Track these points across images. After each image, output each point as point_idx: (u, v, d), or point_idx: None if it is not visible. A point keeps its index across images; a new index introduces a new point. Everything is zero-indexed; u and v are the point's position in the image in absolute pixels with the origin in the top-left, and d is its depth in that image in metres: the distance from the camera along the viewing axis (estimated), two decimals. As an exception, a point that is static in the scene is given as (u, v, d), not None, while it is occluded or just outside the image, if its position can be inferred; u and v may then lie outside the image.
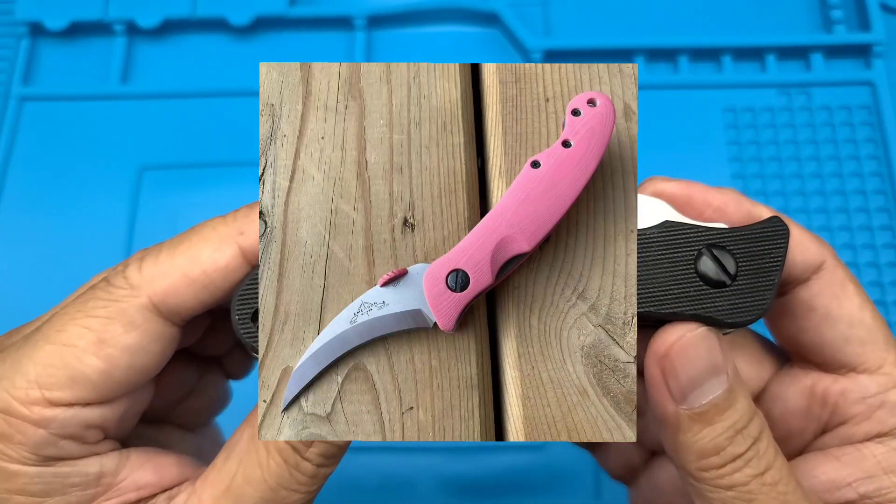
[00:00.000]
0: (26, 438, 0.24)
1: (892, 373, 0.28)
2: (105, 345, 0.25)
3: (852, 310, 0.28)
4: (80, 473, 0.25)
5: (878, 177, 0.53)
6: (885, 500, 0.27)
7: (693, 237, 0.28)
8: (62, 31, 0.58)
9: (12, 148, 0.55)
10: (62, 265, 0.51)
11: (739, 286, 0.26)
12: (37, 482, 0.24)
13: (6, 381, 0.24)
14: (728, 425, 0.25)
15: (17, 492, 0.24)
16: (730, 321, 0.26)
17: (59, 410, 0.24)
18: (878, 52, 0.56)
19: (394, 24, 0.58)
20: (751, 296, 0.26)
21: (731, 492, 0.25)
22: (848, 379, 0.28)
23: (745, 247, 0.27)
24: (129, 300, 0.26)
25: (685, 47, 0.57)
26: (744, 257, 0.27)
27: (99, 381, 0.25)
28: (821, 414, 0.29)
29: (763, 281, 0.26)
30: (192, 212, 0.52)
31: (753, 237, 0.27)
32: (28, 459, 0.24)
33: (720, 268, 0.27)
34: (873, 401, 0.28)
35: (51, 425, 0.24)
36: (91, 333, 0.25)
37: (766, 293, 0.26)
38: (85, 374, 0.24)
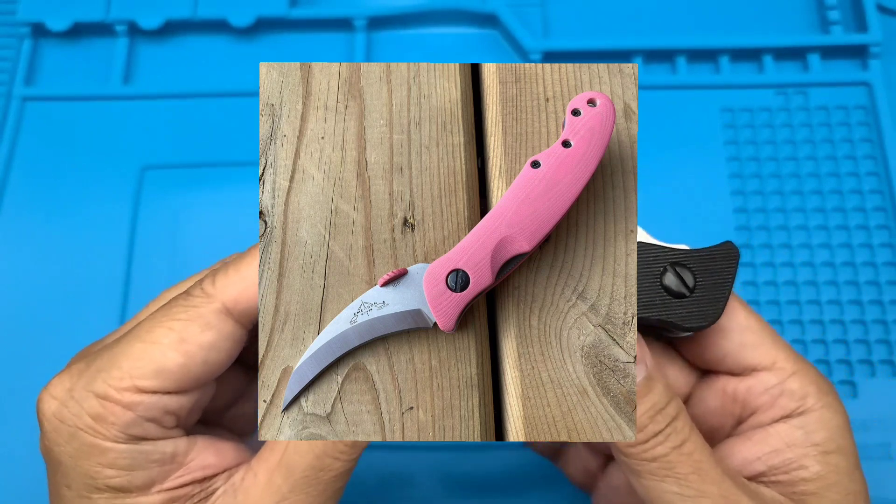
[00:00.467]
0: (118, 419, 0.28)
1: (785, 367, 0.33)
2: (185, 343, 0.29)
3: (740, 320, 0.34)
4: (159, 452, 0.29)
5: (875, 176, 0.53)
6: (790, 469, 0.32)
7: (660, 256, 0.32)
8: (64, 31, 0.58)
9: (14, 148, 0.55)
10: (64, 265, 0.51)
11: (697, 297, 0.32)
12: (125, 457, 0.28)
13: (104, 372, 0.28)
14: (648, 407, 0.30)
15: (109, 465, 0.28)
16: (687, 325, 0.31)
17: (145, 397, 0.29)
18: (875, 52, 0.56)
19: (394, 26, 0.58)
20: (706, 305, 0.31)
21: (655, 463, 0.29)
22: (751, 377, 0.33)
23: (702, 265, 0.32)
24: (206, 305, 0.30)
25: (683, 48, 0.57)
26: (701, 273, 0.32)
27: (178, 373, 0.29)
28: (733, 409, 0.34)
29: (717, 293, 0.31)
30: (194, 211, 0.52)
31: (710, 257, 0.32)
32: (118, 438, 0.28)
33: (681, 282, 0.32)
34: (774, 391, 0.33)
35: (138, 409, 0.28)
36: (174, 333, 0.29)
37: (719, 303, 0.31)
38: (167, 367, 0.29)
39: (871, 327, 0.49)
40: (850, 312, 0.50)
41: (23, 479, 0.46)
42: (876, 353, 0.48)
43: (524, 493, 0.45)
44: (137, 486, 0.29)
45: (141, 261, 0.51)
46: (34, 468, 0.46)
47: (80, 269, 0.51)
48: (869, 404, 0.47)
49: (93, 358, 0.30)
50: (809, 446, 0.32)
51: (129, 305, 0.50)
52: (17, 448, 0.47)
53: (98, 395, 0.28)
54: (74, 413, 0.28)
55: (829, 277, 0.50)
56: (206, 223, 0.52)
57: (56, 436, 0.29)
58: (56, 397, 0.29)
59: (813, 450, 0.32)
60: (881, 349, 0.48)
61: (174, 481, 0.30)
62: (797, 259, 0.51)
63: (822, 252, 0.51)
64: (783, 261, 0.51)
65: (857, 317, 0.49)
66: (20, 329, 0.50)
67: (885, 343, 0.49)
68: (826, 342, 0.49)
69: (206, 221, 0.52)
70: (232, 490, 0.31)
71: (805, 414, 0.32)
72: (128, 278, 0.51)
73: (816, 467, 0.31)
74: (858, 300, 0.50)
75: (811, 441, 0.32)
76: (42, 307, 0.50)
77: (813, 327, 0.49)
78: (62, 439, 0.28)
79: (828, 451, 0.32)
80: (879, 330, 0.49)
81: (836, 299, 0.50)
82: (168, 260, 0.51)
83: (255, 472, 0.31)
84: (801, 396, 0.33)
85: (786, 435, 0.32)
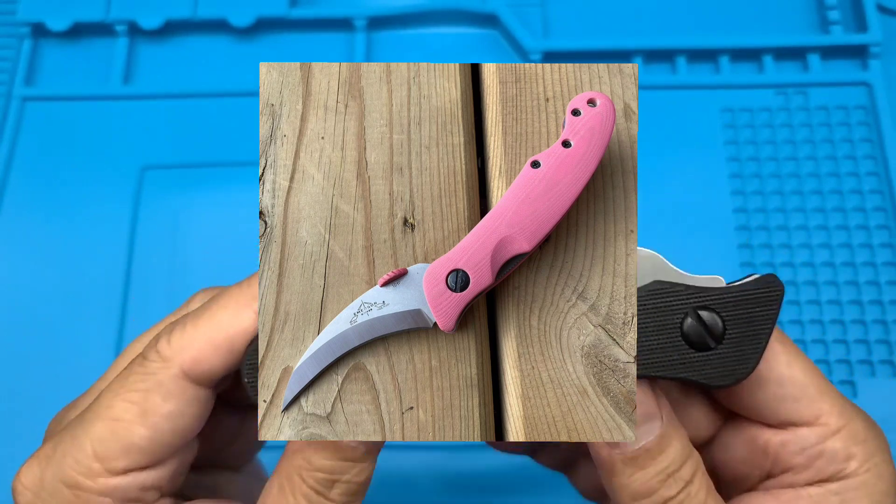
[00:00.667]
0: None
1: (829, 422, 0.29)
2: (148, 415, 0.27)
3: (780, 370, 0.29)
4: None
5: (875, 176, 0.53)
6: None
7: (681, 300, 0.28)
8: (64, 31, 0.58)
9: (14, 148, 0.55)
10: (64, 265, 0.51)
11: (724, 350, 0.26)
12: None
13: (69, 458, 0.27)
14: (660, 469, 0.27)
15: None
16: (713, 384, 0.27)
17: (119, 478, 0.27)
18: (875, 52, 0.56)
19: (394, 26, 0.59)
20: (734, 360, 0.26)
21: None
22: (788, 432, 0.29)
23: (734, 310, 0.26)
24: (164, 372, 0.28)
25: (683, 48, 0.57)
26: (732, 321, 0.26)
27: (148, 448, 0.27)
28: (763, 463, 0.30)
29: (749, 346, 0.26)
30: (194, 211, 0.52)
31: (745, 299, 0.26)
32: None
33: (706, 331, 0.27)
34: (812, 451, 0.29)
35: (114, 493, 0.27)
36: (135, 406, 0.27)
37: (751, 358, 0.26)
38: (135, 443, 0.27)
39: (870, 327, 0.49)
40: (849, 312, 0.50)
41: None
42: (876, 354, 0.48)
43: (524, 493, 0.45)
44: None
45: (141, 261, 0.51)
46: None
47: (80, 269, 0.51)
48: (869, 404, 0.46)
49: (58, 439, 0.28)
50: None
51: (129, 305, 0.50)
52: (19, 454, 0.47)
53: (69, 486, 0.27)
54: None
55: (828, 277, 0.50)
56: (206, 223, 0.52)
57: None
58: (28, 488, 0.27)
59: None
60: (881, 349, 0.48)
61: None
62: (797, 259, 0.51)
63: (822, 252, 0.51)
64: (783, 261, 0.51)
65: (857, 317, 0.49)
66: (20, 329, 0.50)
67: (884, 343, 0.49)
68: (826, 342, 0.49)
69: (206, 221, 0.52)
70: None
71: (846, 479, 0.28)
72: (128, 278, 0.51)
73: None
74: (858, 300, 0.50)
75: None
76: (42, 307, 0.50)
77: (813, 327, 0.49)
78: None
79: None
80: (879, 330, 0.49)
81: (835, 299, 0.50)
82: (168, 260, 0.51)
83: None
84: (844, 459, 0.28)
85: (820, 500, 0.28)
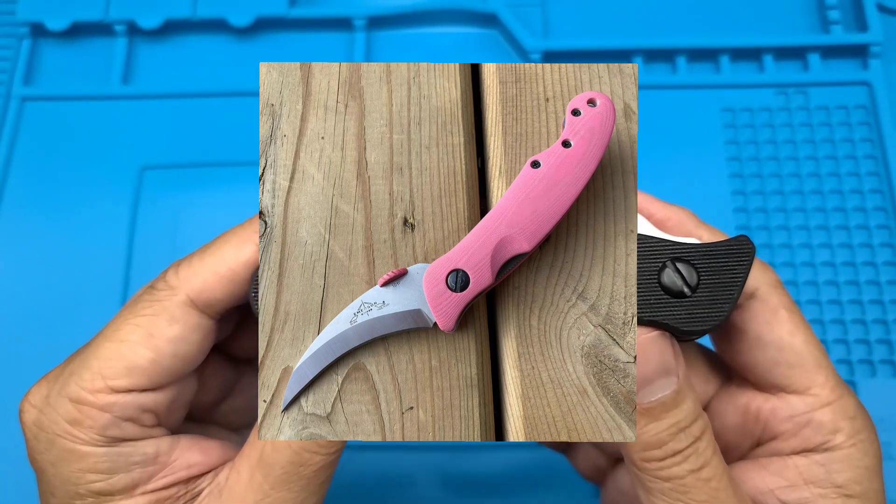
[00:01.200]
0: (94, 422, 0.28)
1: (820, 394, 0.30)
2: (153, 338, 0.29)
3: (782, 335, 0.30)
4: (140, 453, 0.29)
5: (875, 176, 0.53)
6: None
7: (659, 250, 0.30)
8: (63, 31, 0.58)
9: (13, 148, 0.55)
10: (64, 264, 0.51)
11: (698, 298, 0.28)
12: (104, 461, 0.28)
13: (76, 375, 0.28)
14: (672, 423, 0.27)
15: (89, 470, 0.28)
16: (685, 329, 0.28)
17: (120, 396, 0.28)
18: (875, 52, 0.56)
19: (393, 25, 0.59)
20: (708, 307, 0.28)
21: (669, 483, 0.27)
22: (778, 398, 0.31)
23: (709, 262, 0.28)
24: (171, 299, 0.30)
25: (683, 48, 0.57)
26: (707, 271, 0.28)
27: (150, 369, 0.29)
28: (754, 430, 0.31)
29: (722, 294, 0.28)
30: (193, 211, 0.52)
31: (719, 253, 0.28)
32: (97, 441, 0.28)
33: (682, 279, 0.29)
34: (800, 419, 0.30)
35: (113, 409, 0.28)
36: (141, 329, 0.29)
37: (724, 306, 0.28)
38: (138, 364, 0.29)
39: (871, 327, 0.49)
40: (850, 312, 0.50)
41: (20, 481, 0.46)
42: (876, 353, 0.48)
43: (524, 493, 0.45)
44: (120, 489, 0.28)
45: (140, 261, 0.51)
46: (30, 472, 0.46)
47: (79, 269, 0.51)
48: (869, 404, 0.46)
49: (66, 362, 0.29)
50: (829, 487, 0.29)
51: (129, 305, 0.50)
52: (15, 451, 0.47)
53: (72, 400, 0.28)
54: (52, 420, 0.28)
55: (829, 277, 0.50)
56: (205, 223, 0.52)
57: (37, 444, 0.28)
58: (34, 405, 0.29)
59: (833, 492, 0.29)
60: (882, 349, 0.48)
61: (158, 482, 0.29)
62: (798, 259, 0.51)
63: (823, 252, 0.51)
64: (784, 261, 0.51)
65: (858, 316, 0.49)
66: (20, 329, 0.50)
67: (885, 343, 0.49)
68: (827, 342, 0.49)
69: (206, 221, 0.52)
70: (217, 490, 0.30)
71: (831, 451, 0.29)
72: (127, 278, 0.51)
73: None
74: (859, 300, 0.50)
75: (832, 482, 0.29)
76: (42, 307, 0.50)
77: (813, 327, 0.49)
78: (43, 447, 0.28)
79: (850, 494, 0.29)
80: (880, 330, 0.49)
81: (836, 299, 0.50)
82: (167, 260, 0.51)
83: (239, 470, 0.30)
84: (831, 431, 0.30)
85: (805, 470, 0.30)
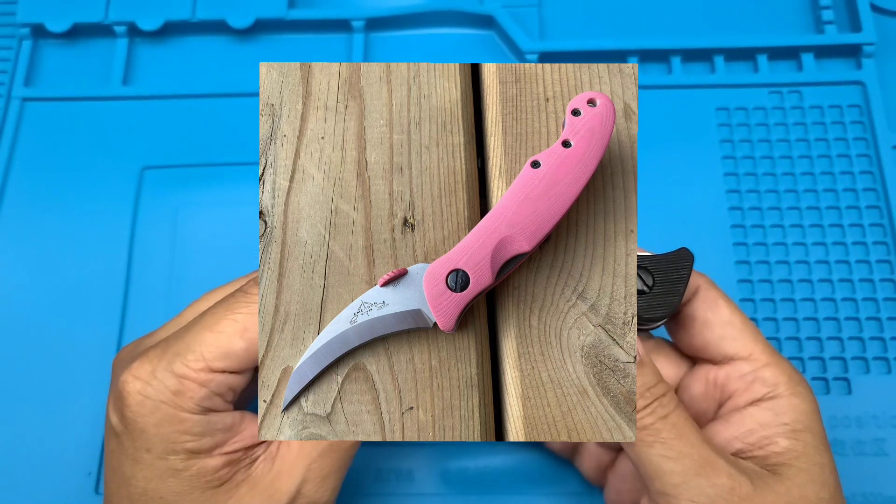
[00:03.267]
0: (194, 394, 0.34)
1: (760, 357, 0.37)
2: (247, 332, 0.34)
3: (723, 316, 0.38)
4: (223, 422, 0.35)
5: (869, 175, 0.53)
6: (763, 445, 0.36)
7: None
8: (64, 33, 0.58)
9: (14, 149, 0.55)
10: (64, 265, 0.51)
11: (655, 293, 0.36)
12: (198, 426, 0.34)
13: (181, 356, 0.34)
14: (639, 384, 0.34)
15: (185, 432, 0.34)
16: (647, 316, 0.36)
17: (216, 376, 0.34)
18: (869, 52, 0.56)
19: (391, 27, 0.59)
20: (662, 300, 0.36)
21: (644, 431, 0.33)
22: (730, 366, 0.38)
23: (660, 267, 0.36)
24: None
25: (678, 49, 0.57)
26: (659, 274, 0.36)
27: (242, 356, 0.34)
28: (714, 394, 0.39)
29: (672, 289, 0.36)
30: (193, 211, 0.52)
31: (667, 261, 0.37)
32: (194, 409, 0.34)
33: (642, 281, 0.36)
34: (748, 377, 0.37)
35: (210, 385, 0.34)
36: (237, 324, 0.34)
37: (674, 298, 0.36)
38: (234, 352, 0.34)
39: (865, 325, 0.49)
40: (844, 310, 0.50)
41: (22, 467, 0.46)
42: (870, 351, 0.49)
43: (524, 490, 0.45)
44: (205, 449, 0.34)
45: (141, 261, 0.51)
46: (32, 464, 0.46)
47: (79, 270, 0.51)
48: (863, 401, 0.47)
49: (166, 345, 0.35)
50: (779, 426, 0.36)
51: (130, 305, 0.50)
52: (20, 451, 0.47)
53: (177, 375, 0.34)
54: (158, 389, 0.34)
55: (823, 275, 0.51)
56: (206, 223, 0.52)
57: (141, 408, 0.34)
58: (139, 378, 0.34)
59: (782, 428, 0.36)
60: (875, 346, 0.49)
61: (231, 447, 0.35)
62: (792, 257, 0.51)
63: (817, 250, 0.51)
64: (778, 259, 0.51)
65: (852, 314, 0.50)
66: (21, 329, 0.50)
67: (879, 340, 0.49)
68: (821, 339, 0.49)
69: (206, 221, 0.52)
70: (270, 457, 0.35)
71: (775, 399, 0.37)
72: (128, 278, 0.51)
73: (785, 443, 0.36)
74: (853, 297, 0.50)
75: (780, 421, 0.36)
76: (42, 308, 0.50)
77: (808, 324, 0.50)
78: (147, 411, 0.34)
79: (796, 429, 0.36)
80: (874, 327, 0.49)
81: (830, 297, 0.50)
82: (168, 260, 0.51)
83: (289, 441, 0.35)
84: (773, 384, 0.37)
85: (758, 416, 0.36)
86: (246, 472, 0.35)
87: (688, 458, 0.33)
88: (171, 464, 0.34)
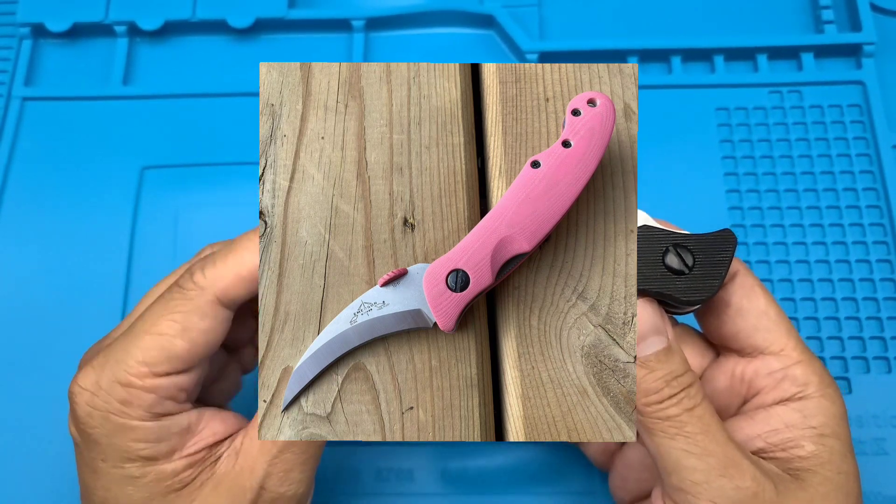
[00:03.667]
0: (142, 402, 0.33)
1: (792, 354, 0.36)
2: (188, 331, 0.34)
3: (759, 305, 0.36)
4: (178, 424, 0.34)
5: (869, 174, 0.53)
6: (787, 447, 0.34)
7: (663, 238, 0.35)
8: (64, 32, 0.58)
9: (14, 149, 0.55)
10: (64, 265, 0.51)
11: (695, 275, 0.34)
12: (151, 432, 0.33)
13: (122, 363, 0.33)
14: (666, 372, 0.33)
15: (138, 440, 0.33)
16: (685, 299, 0.34)
17: (162, 380, 0.33)
18: (869, 52, 0.56)
19: (391, 27, 0.59)
20: (702, 282, 0.34)
21: (667, 422, 0.32)
22: (759, 360, 0.36)
23: (702, 247, 0.35)
24: (201, 297, 0.34)
25: (678, 48, 0.57)
26: (700, 254, 0.35)
27: (185, 356, 0.34)
28: (740, 389, 0.37)
29: (713, 272, 0.34)
30: (193, 211, 0.52)
31: (709, 241, 0.35)
32: (144, 417, 0.33)
33: (681, 261, 0.34)
34: (778, 374, 0.36)
35: (157, 390, 0.33)
36: (177, 325, 0.34)
37: (715, 281, 0.34)
38: (177, 353, 0.34)
39: (865, 324, 0.49)
40: (844, 309, 0.50)
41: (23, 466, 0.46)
42: (870, 350, 0.49)
43: (524, 490, 0.45)
44: (163, 454, 0.34)
45: (141, 261, 0.51)
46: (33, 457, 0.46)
47: (80, 269, 0.51)
48: (863, 400, 0.47)
49: (108, 352, 0.34)
50: (806, 428, 0.34)
51: (130, 305, 0.50)
52: (19, 447, 0.47)
53: (122, 384, 0.33)
54: (104, 400, 0.33)
55: (824, 275, 0.51)
56: (206, 223, 0.52)
57: (90, 420, 0.33)
58: (86, 388, 0.34)
59: (809, 431, 0.34)
60: (875, 346, 0.49)
61: (191, 448, 0.35)
62: (792, 257, 0.51)
63: (818, 250, 0.51)
64: (778, 258, 0.51)
65: (852, 314, 0.50)
66: (22, 329, 0.50)
67: (879, 340, 0.49)
68: (821, 338, 0.49)
69: (206, 221, 0.52)
70: (234, 453, 0.35)
71: (804, 399, 0.35)
72: (128, 278, 0.51)
73: (811, 447, 0.34)
74: (853, 297, 0.50)
75: (808, 424, 0.34)
76: (43, 307, 0.50)
77: (808, 324, 0.50)
78: (96, 422, 0.33)
79: (823, 434, 0.34)
80: (874, 327, 0.49)
81: (830, 296, 0.50)
82: (168, 260, 0.51)
83: (251, 436, 0.35)
84: (803, 383, 0.35)
85: (785, 416, 0.35)
86: (210, 471, 0.35)
87: (712, 457, 0.32)
88: (127, 472, 0.34)
